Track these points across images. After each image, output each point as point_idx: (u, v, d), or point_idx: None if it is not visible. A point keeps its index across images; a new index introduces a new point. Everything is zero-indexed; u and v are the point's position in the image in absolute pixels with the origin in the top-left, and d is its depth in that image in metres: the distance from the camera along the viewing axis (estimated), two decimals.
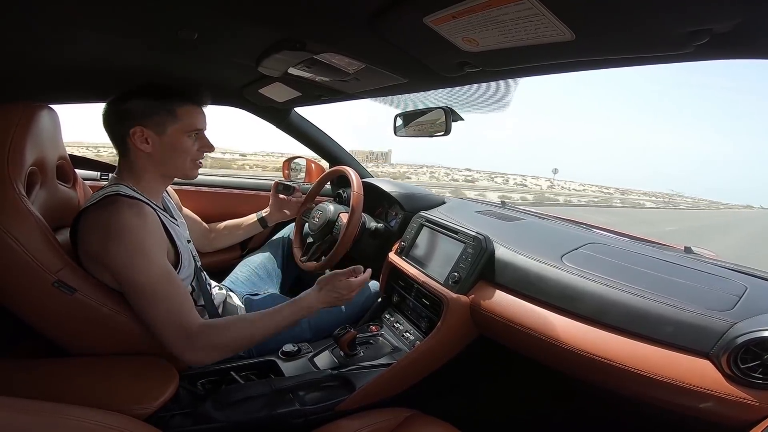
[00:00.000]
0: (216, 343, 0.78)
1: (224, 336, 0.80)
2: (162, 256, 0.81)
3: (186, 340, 0.76)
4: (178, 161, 0.88)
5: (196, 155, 0.91)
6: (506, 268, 0.96)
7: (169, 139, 0.86)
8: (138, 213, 0.77)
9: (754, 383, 0.61)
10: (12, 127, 0.75)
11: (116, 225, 0.75)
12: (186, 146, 0.88)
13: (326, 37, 0.67)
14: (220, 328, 0.80)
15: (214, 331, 0.79)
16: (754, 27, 0.44)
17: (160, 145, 0.85)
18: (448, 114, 1.12)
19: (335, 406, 0.89)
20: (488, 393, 1.19)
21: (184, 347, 0.76)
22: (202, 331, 0.78)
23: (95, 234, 0.76)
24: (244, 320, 0.86)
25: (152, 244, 0.79)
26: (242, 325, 0.84)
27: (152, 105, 0.84)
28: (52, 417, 0.46)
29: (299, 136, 1.65)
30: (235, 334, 0.81)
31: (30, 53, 0.75)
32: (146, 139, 0.84)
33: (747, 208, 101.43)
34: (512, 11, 0.48)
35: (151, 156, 0.86)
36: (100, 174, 1.38)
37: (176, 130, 0.86)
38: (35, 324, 0.76)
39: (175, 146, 0.87)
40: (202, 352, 0.78)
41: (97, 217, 0.77)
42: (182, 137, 0.87)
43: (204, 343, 0.77)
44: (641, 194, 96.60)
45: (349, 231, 1.23)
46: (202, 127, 0.90)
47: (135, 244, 0.75)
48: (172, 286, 0.78)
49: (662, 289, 0.77)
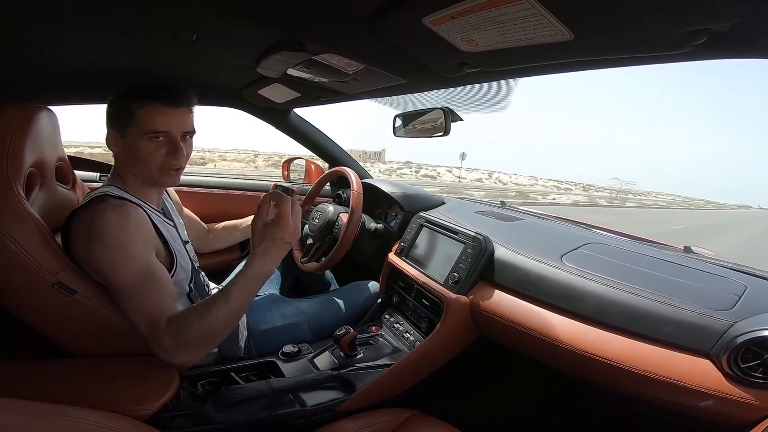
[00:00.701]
0: (178, 338, 0.71)
1: (183, 328, 0.72)
2: (146, 254, 0.78)
3: (155, 337, 0.72)
4: (141, 166, 0.82)
5: (163, 162, 0.82)
6: (506, 268, 0.96)
7: (129, 143, 0.81)
8: (121, 213, 0.76)
9: (754, 382, 0.61)
10: (11, 129, 0.75)
11: (98, 225, 0.74)
12: (146, 151, 0.80)
13: (325, 37, 0.67)
14: (180, 320, 0.73)
15: (175, 325, 0.72)
16: (752, 26, 0.44)
17: (123, 148, 0.82)
18: (448, 114, 1.12)
19: (335, 407, 0.89)
20: (488, 393, 1.19)
21: (156, 345, 0.72)
22: (166, 326, 0.72)
23: (80, 234, 0.76)
24: (199, 307, 0.75)
25: (133, 243, 0.76)
26: (198, 314, 0.73)
27: (118, 105, 0.82)
28: (52, 418, 0.46)
29: (298, 137, 1.65)
30: (193, 323, 0.72)
31: (29, 55, 0.75)
32: (116, 142, 0.83)
33: (744, 207, 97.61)
34: (511, 11, 0.48)
35: (121, 159, 0.84)
36: (99, 175, 1.38)
37: (133, 133, 0.80)
38: (35, 325, 0.76)
39: (134, 150, 0.81)
40: (171, 349, 0.71)
41: (82, 217, 0.76)
42: (140, 140, 0.80)
43: (169, 339, 0.71)
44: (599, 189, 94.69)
45: (349, 231, 1.23)
46: (165, 129, 0.80)
47: (115, 244, 0.74)
48: (151, 283, 0.75)
49: (662, 289, 0.77)
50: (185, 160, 0.85)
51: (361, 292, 1.33)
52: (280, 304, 1.15)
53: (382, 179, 1.64)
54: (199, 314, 0.73)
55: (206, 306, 0.74)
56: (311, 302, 1.21)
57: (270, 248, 0.77)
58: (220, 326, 0.75)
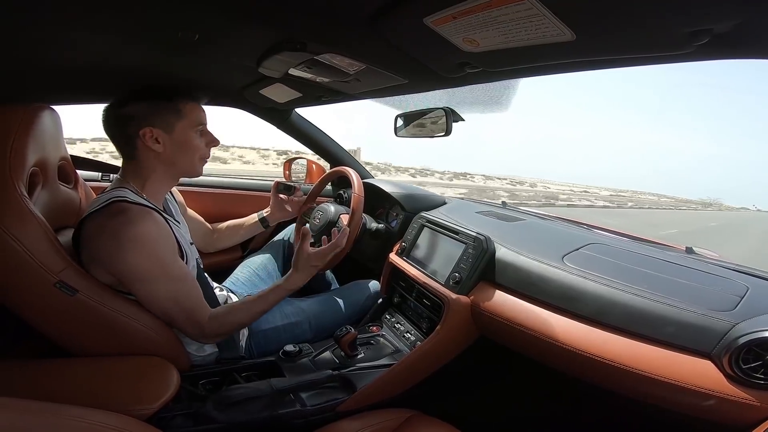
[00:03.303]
0: (221, 329, 0.90)
1: (229, 323, 0.90)
2: (177, 258, 0.84)
3: (198, 329, 0.87)
4: (187, 158, 0.90)
5: (204, 151, 0.93)
6: (507, 268, 0.96)
7: (178, 137, 0.87)
8: (150, 221, 0.79)
9: (755, 384, 0.61)
10: (13, 128, 0.75)
11: (130, 235, 0.76)
12: (195, 142, 0.90)
13: (327, 37, 0.67)
14: (227, 316, 0.90)
15: (221, 320, 0.89)
16: (754, 27, 0.44)
17: (171, 143, 0.87)
18: (449, 114, 1.12)
19: (336, 407, 0.89)
20: (489, 394, 1.19)
21: (196, 335, 0.88)
22: (211, 322, 0.87)
23: (105, 242, 0.77)
24: (243, 307, 0.93)
25: (167, 250, 0.82)
26: (242, 313, 0.92)
27: (157, 105, 0.86)
28: (53, 417, 0.46)
29: (300, 137, 1.65)
30: (236, 319, 0.92)
31: (31, 54, 0.75)
32: (156, 138, 0.85)
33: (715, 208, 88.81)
34: (512, 12, 0.47)
35: (160, 156, 0.87)
36: (101, 174, 1.38)
37: (183, 127, 0.88)
38: (36, 324, 0.77)
39: (184, 143, 0.88)
40: (211, 337, 0.91)
41: (105, 224, 0.77)
42: (190, 133, 0.89)
43: (212, 331, 0.88)
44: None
45: (350, 232, 1.23)
46: (205, 122, 0.92)
47: (152, 254, 0.78)
48: (189, 286, 0.86)
49: (663, 290, 0.77)
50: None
51: (361, 292, 1.33)
52: (281, 303, 1.15)
53: (383, 179, 1.64)
54: (242, 314, 0.92)
55: (247, 308, 0.93)
56: (312, 302, 1.21)
57: (310, 271, 0.99)
58: (249, 322, 0.96)
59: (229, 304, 0.95)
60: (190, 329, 0.86)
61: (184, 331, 0.87)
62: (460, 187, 30.93)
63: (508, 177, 73.94)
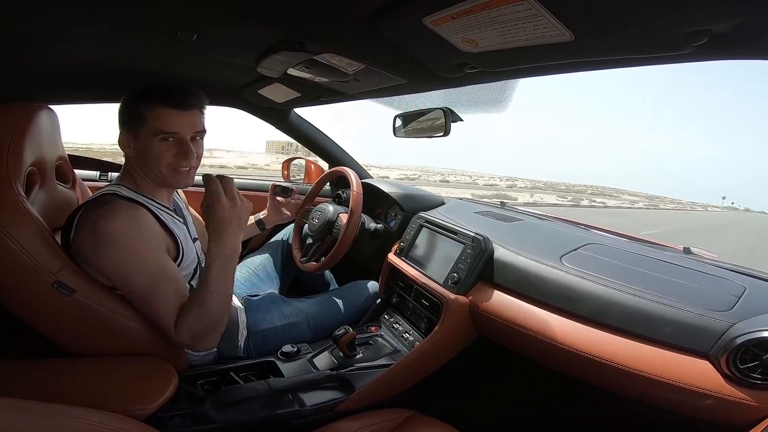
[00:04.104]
0: (193, 330, 0.80)
1: (192, 321, 0.80)
2: (159, 255, 0.81)
3: (176, 335, 0.80)
4: (152, 167, 0.84)
5: (172, 162, 0.84)
6: (505, 268, 0.96)
7: (141, 143, 0.83)
8: (128, 216, 0.77)
9: (753, 383, 0.61)
10: (11, 128, 0.75)
11: (105, 229, 0.75)
12: (157, 151, 0.82)
13: (326, 37, 0.67)
14: (185, 314, 0.80)
15: (185, 320, 0.80)
16: (753, 27, 0.44)
17: (136, 149, 0.84)
18: (448, 115, 1.12)
19: (334, 407, 0.89)
20: (488, 393, 1.19)
21: (180, 342, 0.81)
22: (180, 327, 0.80)
23: (87, 236, 0.76)
24: (195, 299, 0.81)
25: (146, 246, 0.79)
26: (197, 302, 0.80)
27: (128, 107, 0.84)
28: (52, 417, 0.46)
29: (298, 137, 1.65)
30: (197, 313, 0.80)
31: (29, 54, 0.74)
32: (129, 143, 0.84)
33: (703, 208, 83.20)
34: (511, 12, 0.48)
35: (133, 160, 0.86)
36: (99, 174, 1.38)
37: (145, 134, 0.82)
38: (34, 325, 0.76)
39: (146, 150, 0.82)
40: (191, 340, 0.81)
41: (88, 217, 0.77)
42: (152, 141, 0.81)
43: (186, 333, 0.80)
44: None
45: (349, 231, 1.23)
46: (174, 130, 0.82)
47: (126, 248, 0.76)
48: (167, 284, 0.80)
49: (661, 290, 0.77)
50: (197, 160, 0.88)
51: (360, 292, 1.33)
52: (280, 304, 1.15)
53: (382, 179, 1.64)
54: (196, 308, 0.80)
55: (196, 300, 0.81)
56: (310, 302, 1.21)
57: (219, 228, 0.82)
58: (217, 312, 0.82)
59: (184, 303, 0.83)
60: (170, 332, 0.80)
61: (169, 336, 0.81)
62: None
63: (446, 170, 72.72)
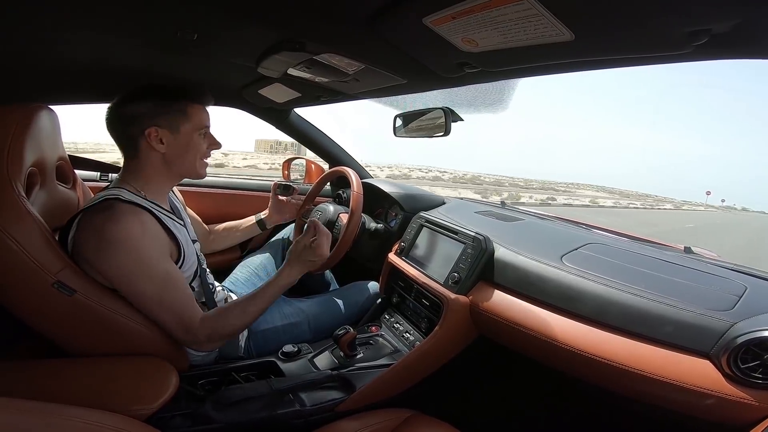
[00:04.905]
0: (215, 333, 0.87)
1: (222, 326, 0.88)
2: (164, 260, 0.82)
3: (189, 334, 0.84)
4: (189, 159, 0.91)
5: (205, 153, 0.94)
6: (506, 268, 0.96)
7: (183, 138, 0.88)
8: (134, 221, 0.78)
9: (754, 383, 0.61)
10: (11, 128, 0.75)
11: (112, 234, 0.75)
12: (197, 144, 0.91)
13: (326, 37, 0.67)
14: (218, 319, 0.88)
15: (212, 323, 0.87)
16: (753, 27, 0.44)
17: (175, 144, 0.87)
18: (448, 114, 1.12)
19: (335, 407, 0.89)
20: (488, 393, 1.19)
21: (189, 341, 0.86)
22: (202, 325, 0.85)
23: (90, 239, 0.76)
24: (236, 308, 0.91)
25: (152, 251, 0.80)
26: (236, 314, 0.90)
27: (163, 105, 0.86)
28: (52, 417, 0.46)
29: (299, 137, 1.65)
30: (231, 321, 0.89)
31: (29, 54, 0.75)
32: (161, 139, 0.85)
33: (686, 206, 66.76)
34: (511, 12, 0.48)
35: (164, 156, 0.87)
36: (99, 174, 1.38)
37: (189, 129, 0.88)
38: (35, 325, 0.76)
39: (187, 144, 0.89)
40: (205, 343, 0.87)
41: (92, 221, 0.77)
42: (194, 135, 0.90)
43: (205, 335, 0.85)
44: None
45: (349, 231, 1.23)
46: (208, 125, 0.93)
47: (133, 254, 0.77)
48: (175, 288, 0.83)
49: (662, 289, 0.77)
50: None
51: (360, 292, 1.33)
52: (280, 303, 1.15)
53: (382, 179, 1.64)
54: (236, 314, 0.89)
55: (241, 307, 0.90)
56: (311, 302, 1.21)
57: (302, 266, 0.97)
58: (248, 322, 0.92)
59: (221, 307, 0.92)
60: (182, 334, 0.84)
61: (176, 337, 0.84)
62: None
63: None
